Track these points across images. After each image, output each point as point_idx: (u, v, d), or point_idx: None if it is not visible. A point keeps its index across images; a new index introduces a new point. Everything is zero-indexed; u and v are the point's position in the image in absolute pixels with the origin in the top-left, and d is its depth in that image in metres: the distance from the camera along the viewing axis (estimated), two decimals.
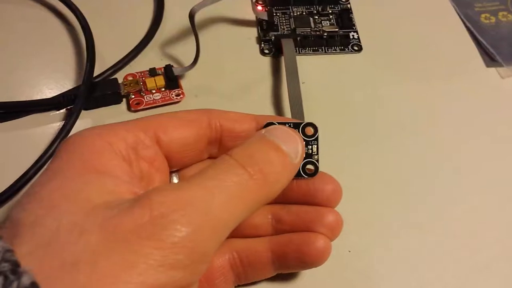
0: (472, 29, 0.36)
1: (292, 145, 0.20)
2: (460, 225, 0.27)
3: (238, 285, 0.24)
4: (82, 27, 0.33)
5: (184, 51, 0.35)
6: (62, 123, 0.30)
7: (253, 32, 0.36)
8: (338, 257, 0.25)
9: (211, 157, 0.24)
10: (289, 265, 0.22)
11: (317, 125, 0.23)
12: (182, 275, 0.16)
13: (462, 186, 0.29)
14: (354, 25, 0.36)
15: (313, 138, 0.23)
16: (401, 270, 0.25)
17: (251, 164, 0.18)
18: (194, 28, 0.31)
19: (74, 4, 0.34)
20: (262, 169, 0.19)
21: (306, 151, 0.23)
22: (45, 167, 0.19)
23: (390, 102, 0.32)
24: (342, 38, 0.35)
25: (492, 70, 0.34)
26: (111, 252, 0.15)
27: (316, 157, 0.23)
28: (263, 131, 0.21)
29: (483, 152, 0.30)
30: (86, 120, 0.31)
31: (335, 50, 0.35)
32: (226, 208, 0.17)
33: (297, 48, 0.35)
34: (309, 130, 0.23)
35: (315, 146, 0.23)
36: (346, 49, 0.35)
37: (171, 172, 0.23)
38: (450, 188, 0.28)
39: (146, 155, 0.21)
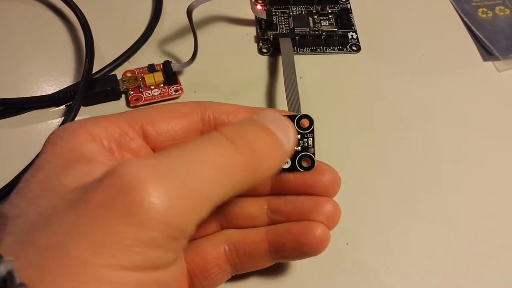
0: (469, 23, 0.37)
1: (284, 130, 0.19)
2: (460, 216, 0.27)
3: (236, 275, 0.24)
4: (81, 24, 0.34)
5: (182, 48, 0.35)
6: (61, 119, 0.31)
7: (251, 30, 0.36)
8: (336, 249, 0.25)
9: None
10: (287, 254, 0.22)
11: (313, 118, 0.23)
12: (158, 254, 0.15)
13: (460, 178, 0.29)
14: (353, 25, 0.36)
15: (309, 131, 0.23)
16: (401, 262, 0.25)
17: (240, 140, 0.17)
18: (192, 24, 0.31)
19: (73, 2, 0.35)
20: (251, 146, 0.18)
21: (302, 144, 0.23)
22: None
23: (388, 95, 0.32)
24: (341, 38, 0.35)
25: (489, 64, 0.34)
26: (80, 233, 0.14)
27: (312, 150, 0.23)
28: (255, 116, 0.20)
29: (481, 145, 0.30)
30: (85, 116, 0.31)
31: (334, 50, 0.35)
32: (209, 182, 0.16)
33: (295, 48, 0.35)
34: (305, 122, 0.23)
35: (311, 138, 0.23)
36: (345, 49, 0.35)
37: None
38: (448, 180, 0.29)
39: (130, 147, 0.20)
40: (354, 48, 0.35)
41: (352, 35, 0.36)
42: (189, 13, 0.30)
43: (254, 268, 0.23)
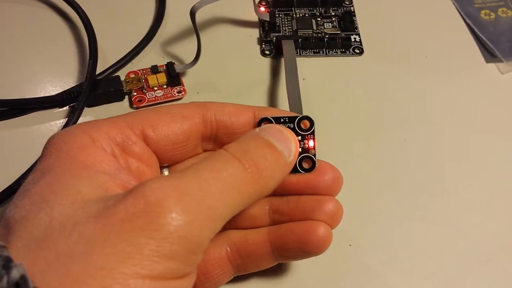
0: (472, 25, 0.37)
1: (286, 144, 0.20)
2: (462, 217, 0.27)
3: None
4: (85, 26, 0.34)
5: (185, 49, 0.35)
6: (65, 120, 0.31)
7: (254, 32, 0.36)
8: (338, 251, 0.25)
9: (206, 151, 0.24)
10: (289, 254, 0.22)
11: (315, 120, 0.23)
12: (177, 266, 0.16)
13: (462, 179, 0.29)
14: (356, 28, 0.36)
15: (309, 132, 0.23)
16: (403, 263, 0.25)
17: (246, 158, 0.19)
18: (195, 26, 0.31)
19: (76, 3, 0.35)
20: (257, 163, 0.19)
21: (303, 145, 0.23)
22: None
23: (391, 98, 0.33)
24: (344, 40, 0.35)
25: (492, 65, 0.34)
26: (106, 243, 0.15)
27: (313, 151, 0.23)
28: (257, 129, 0.21)
29: (483, 146, 0.30)
30: (88, 117, 0.31)
31: (336, 52, 0.35)
32: (222, 198, 0.17)
33: (298, 50, 0.35)
34: (305, 124, 0.23)
35: (312, 140, 0.23)
36: (347, 52, 0.35)
37: (161, 167, 0.23)
38: (451, 181, 0.29)
39: (133, 151, 0.20)
40: (357, 51, 0.35)
41: (355, 38, 0.36)
42: (192, 14, 0.30)
43: (257, 269, 0.23)
